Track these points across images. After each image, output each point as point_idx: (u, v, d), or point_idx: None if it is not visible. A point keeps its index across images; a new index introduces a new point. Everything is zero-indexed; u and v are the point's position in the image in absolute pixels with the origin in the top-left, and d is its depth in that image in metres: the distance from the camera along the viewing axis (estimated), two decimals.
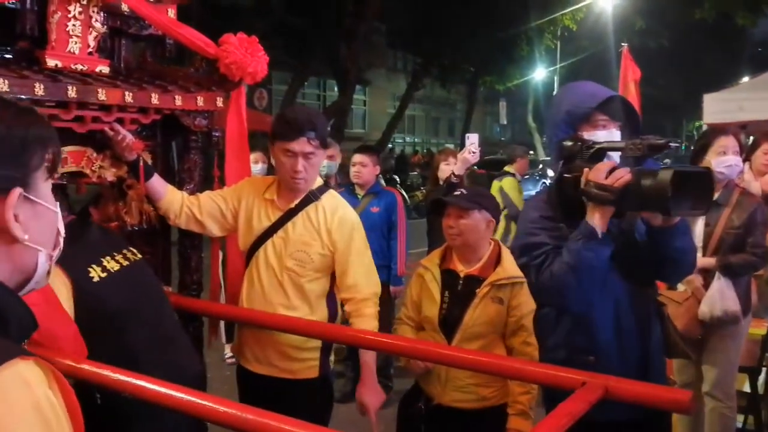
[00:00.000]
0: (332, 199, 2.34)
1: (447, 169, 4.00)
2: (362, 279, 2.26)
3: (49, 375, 0.71)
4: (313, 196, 2.29)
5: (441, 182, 3.85)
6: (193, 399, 1.60)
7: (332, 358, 2.41)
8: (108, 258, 1.95)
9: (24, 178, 0.77)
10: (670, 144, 1.68)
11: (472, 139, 3.53)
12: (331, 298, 2.34)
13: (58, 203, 0.85)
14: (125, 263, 2.00)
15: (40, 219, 0.81)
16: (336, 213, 2.28)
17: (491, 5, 15.09)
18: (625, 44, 5.65)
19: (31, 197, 0.79)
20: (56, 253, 0.85)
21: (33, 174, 0.78)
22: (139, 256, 2.12)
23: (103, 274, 1.89)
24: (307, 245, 2.24)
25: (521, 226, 2.05)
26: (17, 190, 0.76)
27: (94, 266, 1.89)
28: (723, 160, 2.92)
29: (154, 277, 2.21)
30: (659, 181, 1.54)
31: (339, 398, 4.01)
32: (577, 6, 17.23)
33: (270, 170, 4.61)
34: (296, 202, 2.28)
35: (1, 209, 0.75)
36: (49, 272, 0.86)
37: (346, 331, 2.30)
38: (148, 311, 2.01)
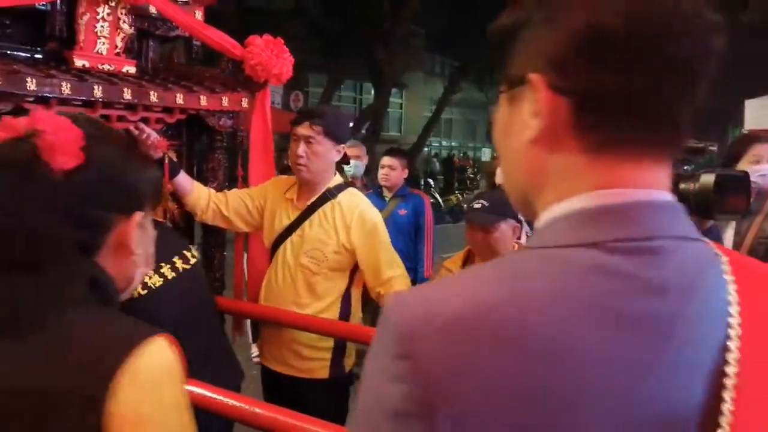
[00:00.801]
0: (351, 197, 2.34)
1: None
2: (393, 271, 2.28)
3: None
4: (330, 195, 2.31)
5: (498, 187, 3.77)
6: (210, 394, 1.61)
7: (349, 360, 2.40)
8: (162, 264, 2.00)
9: (141, 206, 0.96)
10: (710, 148, 1.65)
11: None
12: (346, 298, 2.33)
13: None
14: (174, 274, 2.05)
15: (144, 240, 0.98)
16: (355, 211, 2.28)
17: None
18: None
19: (143, 222, 0.97)
20: (149, 270, 1.04)
21: (145, 203, 0.97)
22: (194, 260, 2.17)
23: (144, 291, 1.94)
24: (322, 243, 2.25)
25: None
26: (139, 214, 0.95)
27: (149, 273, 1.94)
28: (757, 168, 2.83)
29: (205, 284, 2.25)
30: (702, 184, 1.52)
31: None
32: None
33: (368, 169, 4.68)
34: (312, 200, 2.30)
35: (126, 229, 0.93)
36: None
37: (362, 330, 2.29)
38: (193, 323, 2.05)
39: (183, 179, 2.33)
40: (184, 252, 2.15)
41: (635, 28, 0.56)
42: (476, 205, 2.37)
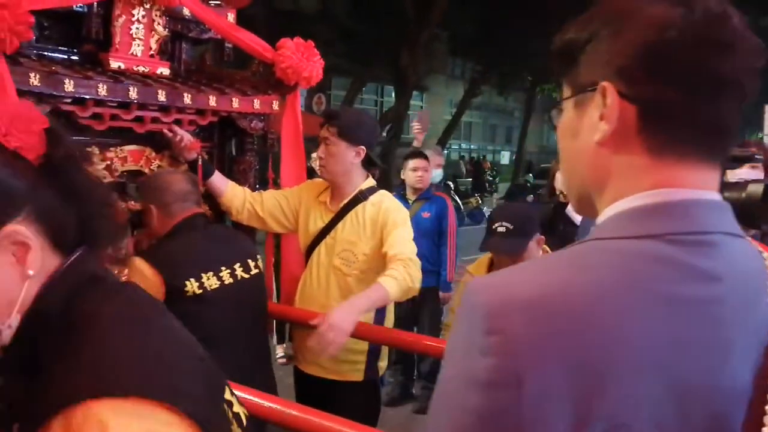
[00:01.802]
0: (380, 196, 2.34)
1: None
2: (404, 248, 2.18)
3: None
4: (362, 196, 2.32)
5: (558, 192, 3.70)
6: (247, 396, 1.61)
7: (382, 364, 2.40)
8: (210, 274, 2.00)
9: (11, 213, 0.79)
10: (756, 156, 1.64)
11: None
12: None
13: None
14: (231, 281, 2.05)
15: (14, 276, 0.79)
16: (382, 205, 2.29)
17: (552, 13, 14.89)
18: None
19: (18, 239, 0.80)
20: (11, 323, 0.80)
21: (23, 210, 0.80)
22: (256, 270, 2.16)
23: (199, 291, 1.95)
24: (352, 244, 2.25)
25: (584, 232, 1.99)
26: (9, 227, 0.79)
27: (192, 280, 1.95)
28: None
29: (260, 296, 2.24)
30: (750, 195, 1.50)
31: (387, 402, 4.02)
32: None
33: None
34: (345, 202, 2.31)
35: None
36: None
37: (392, 333, 2.29)
38: (245, 334, 2.06)
39: (217, 179, 2.35)
40: (248, 260, 2.15)
41: (695, 45, 0.63)
42: (500, 229, 2.25)
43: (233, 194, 2.38)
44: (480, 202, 14.64)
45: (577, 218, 3.29)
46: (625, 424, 0.57)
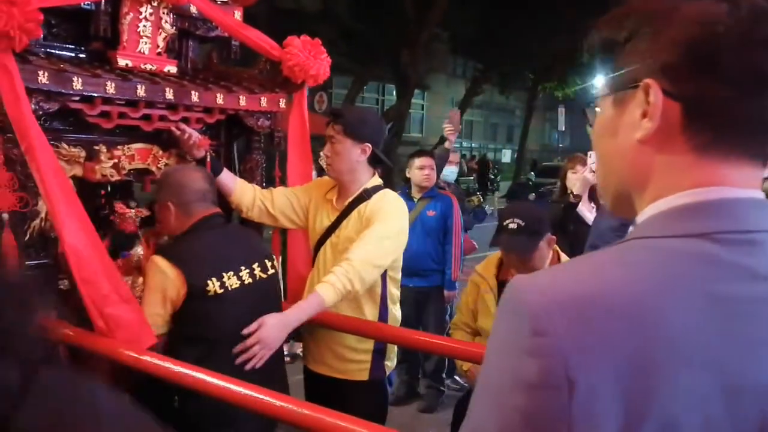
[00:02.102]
0: (382, 195, 2.32)
1: (574, 177, 3.72)
2: (360, 250, 2.10)
3: None
4: (366, 195, 2.31)
5: (569, 191, 3.69)
6: (248, 392, 1.61)
7: (389, 363, 2.39)
8: (230, 273, 2.00)
9: None
10: None
11: (594, 158, 3.23)
12: (383, 300, 2.31)
13: None
14: (250, 280, 2.05)
15: None
16: (376, 203, 2.28)
17: (553, 11, 14.87)
18: None
19: None
20: None
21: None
22: (272, 270, 2.17)
23: (220, 290, 1.95)
24: (352, 242, 2.23)
25: (597, 232, 1.99)
26: None
27: (214, 279, 1.95)
28: None
29: (277, 295, 2.25)
30: None
31: (392, 401, 4.01)
32: None
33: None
34: (349, 200, 2.30)
35: None
36: None
37: (395, 331, 2.28)
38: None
39: (226, 177, 2.34)
40: (265, 260, 2.15)
41: (742, 42, 0.62)
42: (511, 225, 2.25)
43: (242, 192, 2.37)
44: (482, 200, 14.64)
45: (589, 217, 3.28)
46: (676, 423, 0.57)
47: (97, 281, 1.84)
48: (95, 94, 1.91)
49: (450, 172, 4.37)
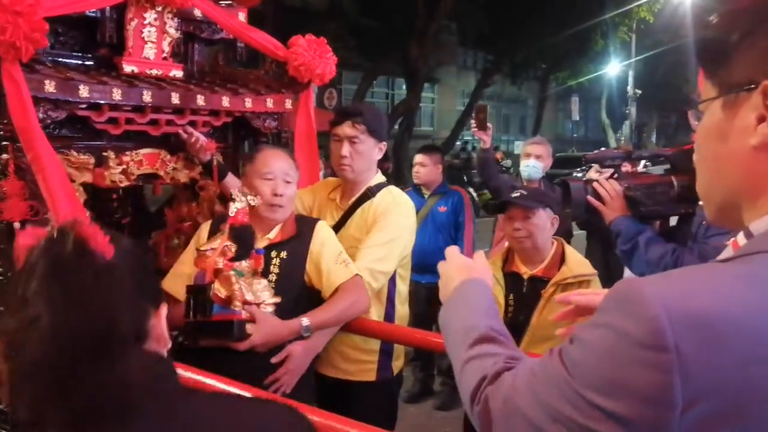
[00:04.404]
0: (387, 194, 2.31)
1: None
2: (365, 259, 2.13)
3: None
4: (370, 193, 2.30)
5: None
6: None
7: (397, 363, 2.38)
8: None
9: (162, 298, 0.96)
10: None
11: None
12: (390, 300, 2.30)
13: None
14: None
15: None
16: (381, 203, 2.26)
17: (566, 1, 14.75)
18: None
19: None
20: None
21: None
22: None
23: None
24: (358, 241, 2.23)
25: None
26: (164, 305, 0.93)
27: None
28: None
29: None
30: None
31: (406, 398, 4.01)
32: None
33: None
34: (353, 199, 2.29)
35: (159, 320, 0.91)
36: None
37: (404, 331, 2.27)
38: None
39: (231, 181, 2.34)
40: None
41: None
42: (515, 194, 2.39)
43: None
44: None
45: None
46: None
47: None
48: (102, 101, 1.92)
49: (528, 167, 3.76)
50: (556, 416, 0.62)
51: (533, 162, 3.73)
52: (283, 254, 2.06)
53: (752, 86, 0.63)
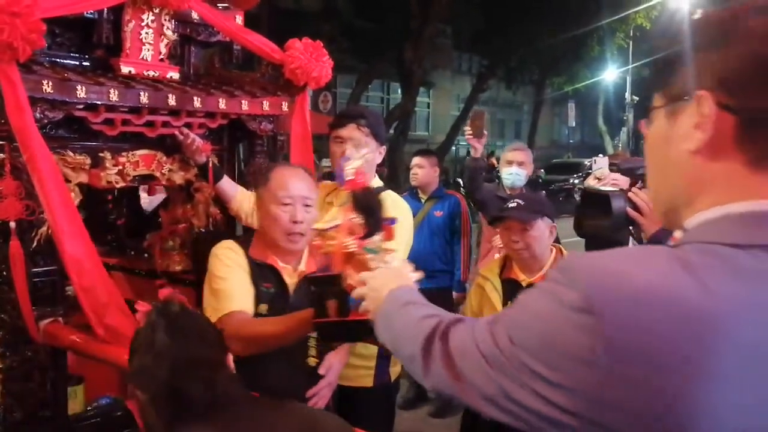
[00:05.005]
0: (386, 198, 2.30)
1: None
2: None
3: None
4: None
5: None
6: None
7: (396, 369, 2.38)
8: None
9: None
10: None
11: (600, 163, 2.69)
12: None
13: None
14: None
15: None
16: None
17: (560, 4, 14.80)
18: None
19: None
20: None
21: None
22: None
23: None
24: None
25: None
26: None
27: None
28: None
29: None
30: None
31: (401, 404, 4.00)
32: (651, 3, 16.65)
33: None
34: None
35: None
36: None
37: None
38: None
39: (226, 184, 2.34)
40: None
41: None
42: (511, 204, 2.36)
43: (242, 199, 2.37)
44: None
45: None
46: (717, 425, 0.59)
47: (97, 290, 1.87)
48: (99, 102, 1.92)
49: (511, 175, 3.66)
50: (501, 367, 0.71)
51: (516, 169, 3.67)
52: None
53: (691, 97, 0.69)
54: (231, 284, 1.84)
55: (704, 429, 0.59)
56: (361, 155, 1.54)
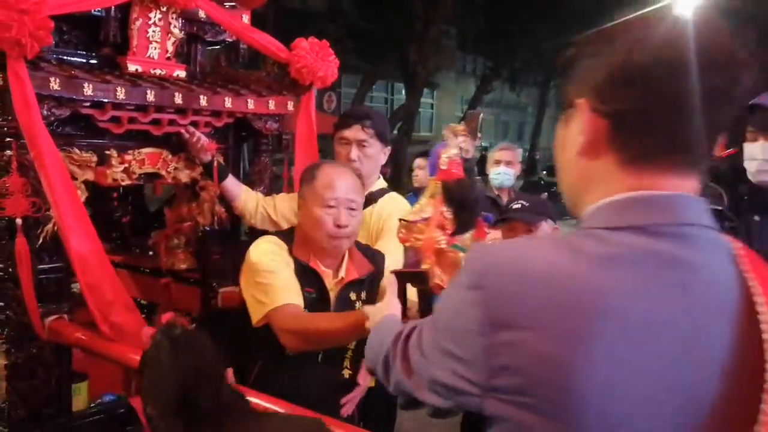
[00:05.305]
0: (390, 202, 2.30)
1: None
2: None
3: None
4: (371, 198, 2.28)
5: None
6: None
7: None
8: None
9: None
10: None
11: None
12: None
13: None
14: None
15: None
16: (384, 210, 2.24)
17: (563, 6, 14.79)
18: None
19: None
20: None
21: None
22: None
23: None
24: None
25: None
26: None
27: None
28: None
29: None
30: None
31: (402, 404, 3.99)
32: (654, 6, 16.62)
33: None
34: None
35: None
36: None
37: None
38: None
39: (231, 183, 2.35)
40: None
41: (662, 66, 0.70)
42: (516, 206, 2.37)
43: (246, 198, 2.37)
44: None
45: None
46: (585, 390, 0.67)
47: (103, 288, 1.87)
48: (105, 100, 1.93)
49: (502, 173, 3.60)
50: (430, 354, 0.82)
51: (504, 169, 3.60)
52: (363, 295, 1.88)
53: (574, 104, 0.78)
54: (280, 278, 1.76)
55: (584, 393, 0.66)
56: (457, 143, 1.42)
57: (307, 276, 1.81)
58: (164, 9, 2.17)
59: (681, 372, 0.68)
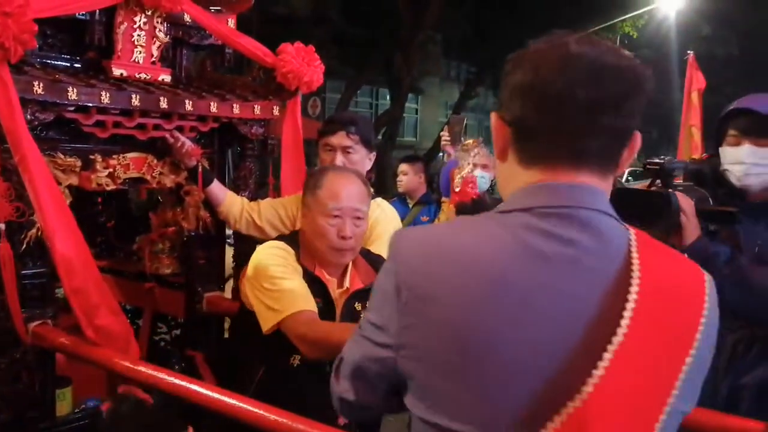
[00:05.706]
0: (376, 207, 2.30)
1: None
2: None
3: None
4: None
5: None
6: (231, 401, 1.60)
7: None
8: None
9: None
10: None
11: None
12: None
13: None
14: None
15: None
16: (371, 215, 2.24)
17: (548, 12, 14.92)
18: (691, 52, 5.46)
19: None
20: None
21: None
22: None
23: None
24: None
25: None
26: None
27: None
28: None
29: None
30: None
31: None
32: (637, 12, 16.81)
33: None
34: None
35: None
36: None
37: None
38: None
39: (216, 188, 2.34)
40: None
41: (548, 84, 0.83)
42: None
43: (231, 203, 2.37)
44: None
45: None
46: (491, 342, 0.79)
47: (88, 291, 1.86)
48: (90, 104, 1.92)
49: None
50: (351, 342, 0.96)
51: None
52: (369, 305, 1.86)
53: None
54: (292, 284, 1.69)
55: (487, 358, 0.78)
56: (470, 160, 1.44)
57: (313, 285, 1.76)
58: (149, 13, 2.17)
59: (549, 328, 0.79)
